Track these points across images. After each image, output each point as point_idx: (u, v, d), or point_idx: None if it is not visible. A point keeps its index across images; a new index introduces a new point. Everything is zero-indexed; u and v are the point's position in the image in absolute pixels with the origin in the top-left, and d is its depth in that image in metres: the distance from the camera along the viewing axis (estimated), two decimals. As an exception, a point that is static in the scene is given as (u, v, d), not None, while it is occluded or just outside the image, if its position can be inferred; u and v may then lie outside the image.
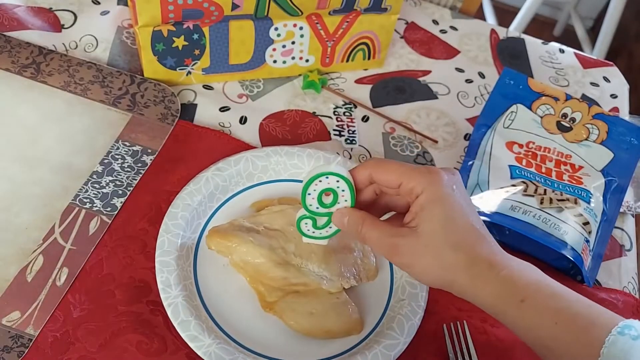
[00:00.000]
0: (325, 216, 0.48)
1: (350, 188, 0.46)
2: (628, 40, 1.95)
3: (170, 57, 0.65)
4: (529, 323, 0.43)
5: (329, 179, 0.46)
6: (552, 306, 0.42)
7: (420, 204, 0.44)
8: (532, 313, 0.42)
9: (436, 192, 0.44)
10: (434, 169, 0.45)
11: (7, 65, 0.65)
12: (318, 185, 0.46)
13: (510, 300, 0.42)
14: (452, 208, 0.44)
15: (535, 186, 0.60)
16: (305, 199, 0.47)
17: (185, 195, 0.56)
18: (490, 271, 0.43)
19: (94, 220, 0.56)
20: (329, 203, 0.47)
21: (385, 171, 0.46)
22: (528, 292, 0.42)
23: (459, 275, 0.44)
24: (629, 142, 0.64)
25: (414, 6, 0.85)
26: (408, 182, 0.45)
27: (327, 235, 0.50)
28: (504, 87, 0.67)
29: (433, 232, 0.43)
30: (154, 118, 0.64)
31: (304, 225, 0.49)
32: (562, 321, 0.41)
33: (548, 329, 0.42)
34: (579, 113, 0.65)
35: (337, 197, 0.47)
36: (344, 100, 0.71)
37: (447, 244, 0.43)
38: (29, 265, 0.52)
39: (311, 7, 0.64)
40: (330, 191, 0.46)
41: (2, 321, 0.49)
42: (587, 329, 0.41)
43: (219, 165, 0.59)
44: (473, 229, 0.44)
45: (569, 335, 0.41)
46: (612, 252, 0.63)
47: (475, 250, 0.43)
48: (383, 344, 0.50)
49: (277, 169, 0.60)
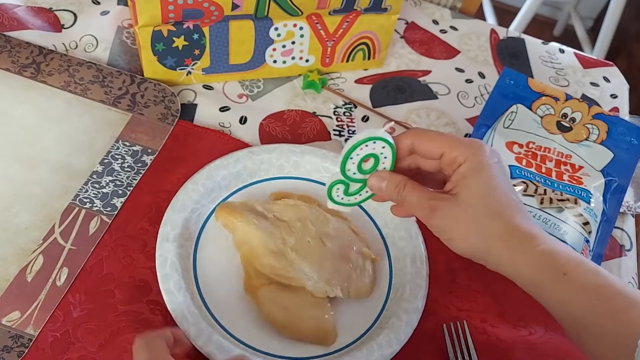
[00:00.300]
0: (359, 182, 0.48)
1: (393, 155, 0.46)
2: (628, 40, 1.95)
3: (170, 57, 0.65)
4: (569, 297, 0.42)
5: (375, 144, 0.45)
6: (593, 282, 0.41)
7: (462, 173, 0.44)
8: (573, 287, 0.42)
9: (479, 161, 0.44)
10: (475, 142, 0.45)
11: (7, 65, 0.65)
12: (363, 149, 0.45)
13: (550, 273, 0.42)
14: (493, 179, 0.44)
15: (535, 186, 0.60)
16: (346, 162, 0.46)
17: (213, 167, 0.58)
18: (529, 243, 0.43)
19: (94, 220, 0.56)
20: (368, 169, 0.47)
21: (428, 140, 0.46)
22: (570, 266, 0.42)
23: (497, 244, 0.43)
24: (629, 142, 0.64)
25: (414, 6, 0.85)
26: (451, 151, 0.45)
27: (357, 202, 0.49)
28: (504, 87, 0.67)
29: (474, 199, 0.44)
30: (154, 118, 0.64)
31: (335, 191, 0.48)
32: (603, 297, 0.41)
33: (588, 304, 0.41)
34: (579, 113, 0.65)
35: (377, 164, 0.46)
36: (344, 100, 0.71)
37: (487, 212, 0.43)
38: (29, 265, 0.52)
39: (311, 7, 0.64)
40: (372, 157, 0.46)
41: (2, 321, 0.49)
42: (628, 307, 0.40)
43: (253, 149, 0.60)
44: (512, 201, 0.44)
45: (609, 312, 0.40)
46: (612, 252, 0.63)
47: (514, 222, 0.43)
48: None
49: (308, 168, 0.61)
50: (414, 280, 0.54)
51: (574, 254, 0.43)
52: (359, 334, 0.52)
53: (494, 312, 0.56)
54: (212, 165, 0.58)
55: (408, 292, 0.53)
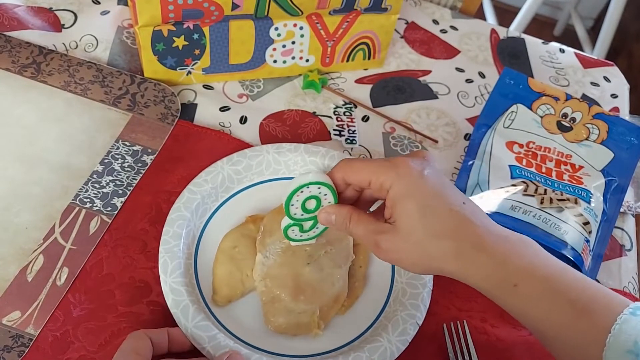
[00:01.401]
0: (310, 220, 0.49)
1: (331, 190, 0.46)
2: (628, 40, 1.95)
3: (171, 57, 0.65)
4: (522, 308, 0.42)
5: (310, 188, 0.46)
6: (546, 291, 0.41)
7: (392, 199, 0.43)
8: (525, 298, 0.41)
9: (405, 184, 0.43)
10: (400, 161, 0.44)
11: (7, 65, 0.65)
12: (300, 195, 0.46)
13: (502, 285, 0.42)
14: (426, 197, 0.43)
15: (536, 186, 0.60)
16: (289, 210, 0.47)
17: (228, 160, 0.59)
18: (478, 256, 0.42)
19: (94, 220, 0.56)
20: (313, 208, 0.47)
21: (354, 172, 0.45)
22: (520, 276, 0.41)
23: (447, 263, 0.43)
24: (629, 141, 0.64)
25: (414, 6, 0.85)
26: (377, 179, 0.44)
27: (316, 234, 0.50)
28: (504, 87, 0.67)
29: (411, 226, 0.43)
30: (154, 118, 0.64)
31: (291, 232, 0.49)
32: (556, 307, 0.40)
33: (542, 314, 0.41)
34: (579, 113, 0.65)
35: (320, 202, 0.47)
36: (344, 100, 0.71)
37: (428, 235, 0.42)
38: (29, 265, 0.52)
39: (311, 6, 0.64)
40: (313, 198, 0.47)
41: (3, 321, 0.49)
42: (587, 314, 0.40)
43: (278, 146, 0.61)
44: (453, 214, 0.42)
45: (565, 321, 0.40)
46: (612, 252, 0.63)
47: (460, 236, 0.42)
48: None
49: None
50: (418, 278, 0.54)
51: (528, 258, 0.42)
52: (359, 333, 0.52)
53: (494, 312, 0.56)
54: (231, 156, 0.59)
55: (409, 293, 0.53)
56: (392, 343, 0.49)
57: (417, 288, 0.53)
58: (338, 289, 0.52)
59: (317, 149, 0.61)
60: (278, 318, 0.51)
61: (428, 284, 0.53)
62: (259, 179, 0.60)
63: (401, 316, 0.51)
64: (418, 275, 0.54)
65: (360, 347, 0.49)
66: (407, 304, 0.52)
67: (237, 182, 0.59)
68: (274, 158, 0.60)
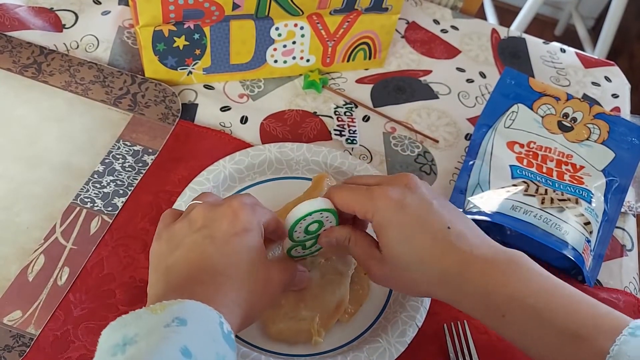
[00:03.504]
0: (313, 239, 0.49)
1: (334, 214, 0.47)
2: (629, 40, 1.95)
3: (171, 57, 0.65)
4: (513, 336, 0.42)
5: (313, 216, 0.46)
6: (533, 321, 0.40)
7: (376, 230, 0.44)
8: (514, 327, 0.41)
9: (384, 217, 0.43)
10: (378, 193, 0.44)
11: (9, 65, 0.65)
12: (303, 223, 0.46)
13: (490, 314, 0.42)
14: (406, 227, 0.43)
15: (536, 186, 0.60)
16: (293, 234, 0.47)
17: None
18: (463, 286, 0.42)
19: (95, 220, 0.56)
20: (315, 230, 0.47)
21: (340, 200, 0.46)
22: (506, 307, 0.41)
23: (435, 289, 0.44)
24: (630, 142, 0.64)
25: (414, 6, 0.85)
26: (360, 209, 0.45)
27: (317, 249, 0.50)
28: (505, 86, 0.67)
29: (395, 255, 0.43)
30: (154, 118, 0.64)
31: (294, 252, 0.50)
32: (546, 335, 0.40)
33: (533, 342, 0.41)
34: (580, 113, 0.65)
35: (322, 224, 0.47)
36: (345, 100, 0.71)
37: (412, 264, 0.43)
38: (30, 265, 0.52)
39: (312, 6, 0.64)
40: (317, 222, 0.47)
41: (4, 320, 0.49)
42: (579, 339, 0.39)
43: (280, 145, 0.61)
44: (436, 241, 0.42)
45: (556, 347, 0.40)
46: (613, 252, 0.63)
47: (444, 264, 0.42)
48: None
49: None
50: None
51: (513, 288, 0.41)
52: (358, 334, 0.52)
53: (494, 312, 0.56)
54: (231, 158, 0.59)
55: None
56: (392, 344, 0.49)
57: None
58: (339, 296, 0.52)
59: (319, 148, 0.61)
60: (278, 324, 0.50)
61: None
62: (261, 178, 0.60)
63: (401, 317, 0.51)
64: None
65: (359, 348, 0.49)
66: (407, 305, 0.52)
67: (238, 181, 0.59)
68: (276, 157, 0.60)
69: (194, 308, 0.36)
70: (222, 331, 0.36)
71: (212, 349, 0.34)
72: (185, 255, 0.41)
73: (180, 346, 0.33)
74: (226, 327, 0.36)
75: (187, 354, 0.33)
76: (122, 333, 0.34)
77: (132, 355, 0.33)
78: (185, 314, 0.35)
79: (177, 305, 0.35)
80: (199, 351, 0.33)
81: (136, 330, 0.34)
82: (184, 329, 0.34)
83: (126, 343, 0.33)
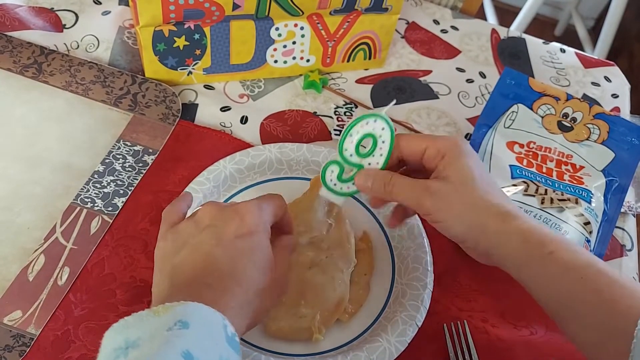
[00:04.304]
0: (354, 167, 0.48)
1: (392, 139, 0.47)
2: (629, 40, 1.95)
3: (172, 57, 0.65)
4: (554, 276, 0.42)
5: (376, 123, 0.46)
6: (579, 260, 0.42)
7: (448, 160, 0.46)
8: (559, 265, 0.42)
9: (462, 149, 0.46)
10: (451, 137, 0.47)
11: (9, 65, 0.65)
12: (363, 127, 0.46)
13: (537, 250, 0.42)
14: (478, 163, 0.47)
15: (536, 186, 0.60)
16: (345, 140, 0.46)
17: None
18: (518, 220, 0.44)
19: (95, 220, 0.56)
20: (365, 152, 0.47)
21: (409, 140, 0.48)
22: (556, 244, 0.42)
23: (491, 219, 0.44)
24: (630, 142, 0.64)
25: (414, 6, 0.85)
26: (433, 144, 0.46)
27: (348, 192, 0.49)
28: (505, 87, 0.67)
29: (464, 179, 0.45)
30: (155, 118, 0.64)
31: (329, 172, 0.48)
32: (588, 275, 0.41)
33: (574, 283, 0.41)
34: (580, 113, 0.65)
35: (375, 147, 0.47)
36: (345, 100, 0.71)
37: (478, 189, 0.45)
38: (31, 265, 0.52)
39: (312, 7, 0.65)
40: (371, 137, 0.46)
41: (4, 320, 0.49)
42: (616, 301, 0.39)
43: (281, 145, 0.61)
44: (497, 186, 0.47)
45: (595, 290, 0.40)
46: (613, 252, 0.63)
47: (504, 203, 0.45)
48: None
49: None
50: (419, 279, 0.54)
51: (559, 235, 0.44)
52: (358, 333, 0.52)
53: (494, 312, 0.56)
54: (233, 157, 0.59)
55: (409, 294, 0.53)
56: (391, 344, 0.49)
57: (417, 289, 0.53)
58: (340, 294, 0.52)
59: (320, 148, 0.61)
60: (279, 322, 0.50)
61: (428, 285, 0.53)
62: (261, 178, 0.60)
63: (401, 317, 0.51)
64: (418, 276, 0.54)
65: (359, 347, 0.49)
66: (407, 305, 0.52)
67: (239, 181, 0.59)
68: (277, 157, 0.60)
69: (197, 310, 0.36)
70: (226, 334, 0.36)
71: (215, 352, 0.34)
72: (191, 256, 0.41)
73: (182, 350, 0.33)
74: (230, 329, 0.36)
75: (189, 357, 0.33)
76: (125, 336, 0.34)
77: (135, 358, 0.33)
78: (188, 317, 0.35)
79: (180, 308, 0.35)
80: (201, 355, 0.33)
81: (138, 333, 0.34)
82: (186, 332, 0.34)
83: (129, 346, 0.33)
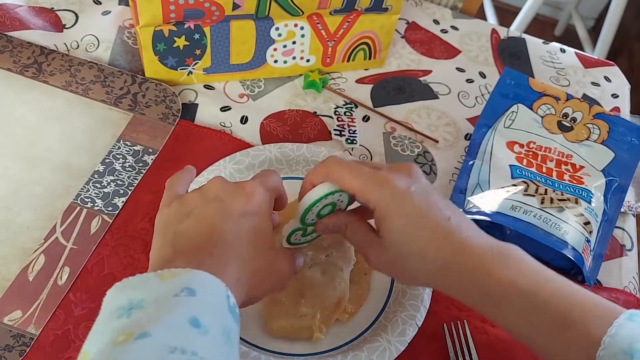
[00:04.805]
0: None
1: (348, 199, 0.47)
2: (629, 40, 1.95)
3: (172, 57, 0.65)
4: (507, 323, 0.43)
5: (334, 196, 0.46)
6: (529, 307, 0.41)
7: (378, 216, 0.44)
8: (509, 314, 0.42)
9: (391, 204, 0.43)
10: (385, 180, 0.43)
11: (9, 65, 0.65)
12: (323, 202, 0.46)
13: (485, 300, 0.43)
14: (410, 216, 0.43)
15: (536, 186, 0.60)
16: (307, 214, 0.46)
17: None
18: (462, 273, 0.42)
19: (95, 220, 0.56)
20: (327, 212, 0.47)
21: (340, 180, 0.45)
22: (502, 293, 0.42)
23: (434, 279, 0.44)
24: (629, 142, 0.64)
25: (414, 6, 0.85)
26: (361, 195, 0.44)
27: (313, 238, 0.50)
28: (505, 87, 0.67)
29: (397, 243, 0.43)
30: (155, 118, 0.64)
31: (293, 238, 0.49)
32: (541, 322, 0.41)
33: (528, 329, 0.42)
34: (580, 113, 0.65)
35: (334, 207, 0.47)
36: (345, 100, 0.71)
37: (413, 252, 0.43)
38: (31, 265, 0.53)
39: (312, 7, 0.65)
40: (330, 205, 0.47)
41: (4, 320, 0.49)
42: (574, 325, 0.40)
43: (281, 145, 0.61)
44: (437, 231, 0.43)
45: (551, 334, 0.41)
46: (613, 252, 0.63)
47: (442, 253, 0.43)
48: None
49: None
50: None
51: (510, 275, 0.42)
52: (358, 333, 0.52)
53: (494, 311, 0.56)
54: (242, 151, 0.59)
55: (409, 294, 0.53)
56: (391, 343, 0.49)
57: (417, 289, 0.53)
58: (340, 293, 0.52)
59: (319, 149, 0.61)
60: (279, 321, 0.51)
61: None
62: None
63: (401, 317, 0.51)
64: None
65: (359, 347, 0.50)
66: (407, 304, 0.52)
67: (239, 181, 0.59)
68: (276, 157, 0.60)
69: (204, 279, 0.36)
70: (228, 304, 0.36)
71: (219, 321, 0.35)
72: (196, 225, 0.41)
73: (190, 316, 0.33)
74: (232, 300, 0.37)
75: (197, 324, 0.33)
76: (128, 296, 0.34)
77: (138, 319, 0.33)
78: (195, 285, 0.35)
79: (187, 275, 0.36)
80: (207, 322, 0.34)
81: (143, 295, 0.34)
82: (193, 299, 0.34)
83: (132, 307, 0.34)
